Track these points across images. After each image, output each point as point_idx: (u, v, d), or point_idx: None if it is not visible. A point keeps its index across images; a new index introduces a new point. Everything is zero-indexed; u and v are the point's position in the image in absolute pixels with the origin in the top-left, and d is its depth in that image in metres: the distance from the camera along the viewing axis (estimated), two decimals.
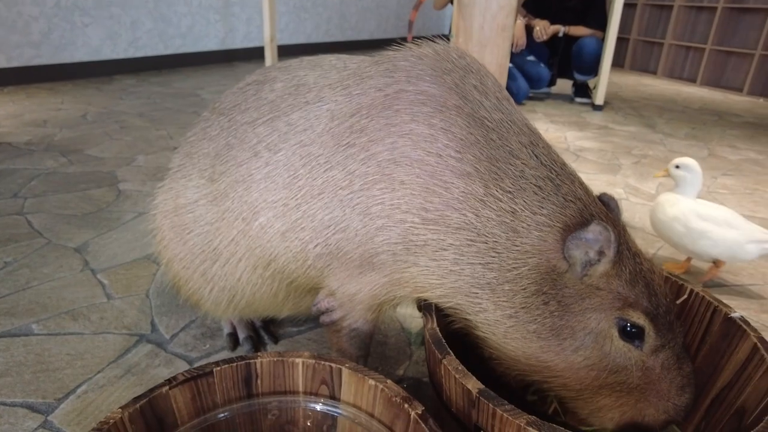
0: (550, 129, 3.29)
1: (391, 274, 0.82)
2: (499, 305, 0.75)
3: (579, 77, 4.11)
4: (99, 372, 1.04)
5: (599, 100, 3.88)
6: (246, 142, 0.91)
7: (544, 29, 3.92)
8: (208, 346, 1.13)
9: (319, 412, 0.74)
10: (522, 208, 0.74)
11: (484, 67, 0.84)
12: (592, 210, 0.76)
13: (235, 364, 0.71)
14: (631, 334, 0.72)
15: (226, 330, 1.15)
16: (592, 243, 0.70)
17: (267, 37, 3.87)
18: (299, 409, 0.74)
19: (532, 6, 3.94)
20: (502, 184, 0.75)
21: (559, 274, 0.73)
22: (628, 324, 0.72)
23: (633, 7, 6.06)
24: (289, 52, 5.22)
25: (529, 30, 3.94)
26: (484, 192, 0.75)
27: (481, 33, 1.77)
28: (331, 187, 0.81)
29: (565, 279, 0.73)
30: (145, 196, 1.90)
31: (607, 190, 1.86)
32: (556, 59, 4.14)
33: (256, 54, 4.98)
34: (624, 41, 6.13)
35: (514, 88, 3.85)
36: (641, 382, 0.74)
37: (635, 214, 2.02)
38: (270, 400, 0.74)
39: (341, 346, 0.92)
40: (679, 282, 0.92)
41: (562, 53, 4.08)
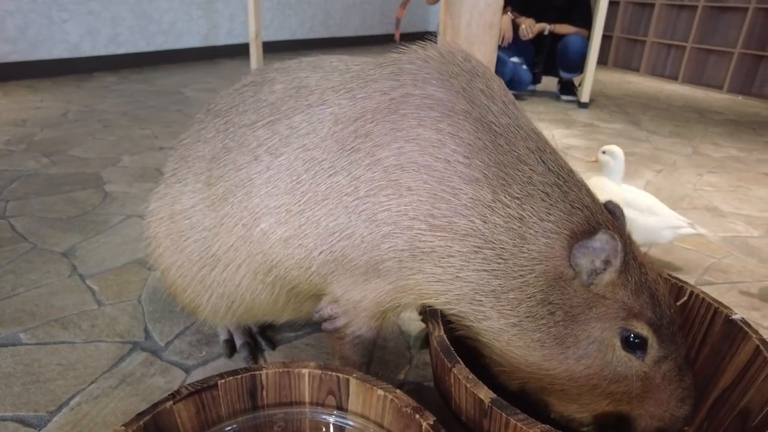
0: (537, 127, 3.30)
1: (397, 281, 0.81)
2: (504, 313, 0.75)
3: (564, 75, 4.14)
4: (92, 382, 1.01)
5: (585, 97, 3.91)
6: (245, 145, 0.89)
7: (530, 27, 3.94)
8: (204, 353, 1.11)
9: (326, 423, 0.72)
10: (530, 214, 0.74)
11: (489, 70, 0.83)
12: (599, 218, 0.75)
13: (239, 376, 0.70)
14: (633, 345, 0.72)
15: (223, 336, 1.13)
16: (599, 252, 0.70)
17: (252, 34, 3.82)
18: (305, 421, 0.73)
19: (519, 4, 3.95)
20: (510, 190, 0.74)
21: (566, 282, 0.73)
22: (631, 334, 0.71)
23: (616, 5, 6.12)
24: (273, 48, 5.16)
25: (515, 27, 3.95)
26: (492, 198, 0.74)
27: (469, 30, 1.76)
28: (335, 193, 0.80)
29: (571, 287, 0.72)
30: (133, 198, 1.86)
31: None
32: (542, 57, 4.16)
33: (240, 51, 4.91)
34: (607, 39, 6.19)
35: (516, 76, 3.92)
36: (641, 392, 0.73)
37: None
38: (276, 412, 0.72)
39: (344, 353, 0.91)
40: (679, 284, 0.93)
41: (547, 51, 4.10)
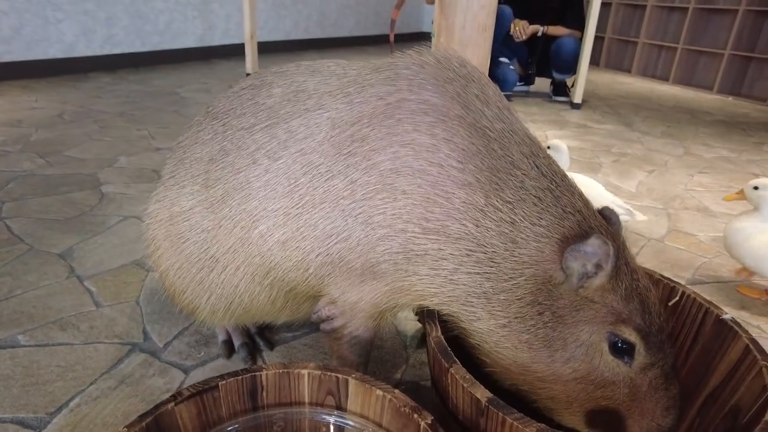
0: (530, 128, 3.29)
1: (393, 282, 0.82)
2: (493, 314, 0.76)
3: (557, 76, 4.17)
4: (92, 384, 1.02)
5: (577, 98, 3.94)
6: (243, 148, 0.90)
7: (523, 29, 3.96)
8: (203, 353, 1.12)
9: (325, 423, 0.73)
10: (521, 218, 0.75)
11: (485, 76, 0.85)
12: (591, 222, 0.76)
13: (240, 377, 0.71)
14: (621, 350, 0.72)
15: (221, 337, 1.14)
16: (591, 256, 0.70)
17: (247, 34, 3.82)
18: (305, 421, 0.74)
19: (514, 6, 3.98)
20: (502, 194, 0.75)
21: (555, 285, 0.73)
22: (619, 340, 0.72)
23: (608, 6, 6.16)
24: (268, 49, 5.16)
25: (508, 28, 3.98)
26: (484, 202, 0.75)
27: (463, 32, 1.77)
28: (332, 196, 0.81)
29: (560, 290, 0.73)
30: (130, 198, 1.87)
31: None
32: (535, 59, 4.19)
33: (236, 51, 4.91)
34: (599, 40, 6.23)
35: (501, 75, 3.94)
36: (627, 399, 0.73)
37: None
38: (275, 412, 0.73)
39: (342, 353, 0.92)
40: (671, 284, 0.95)
41: (540, 53, 4.13)
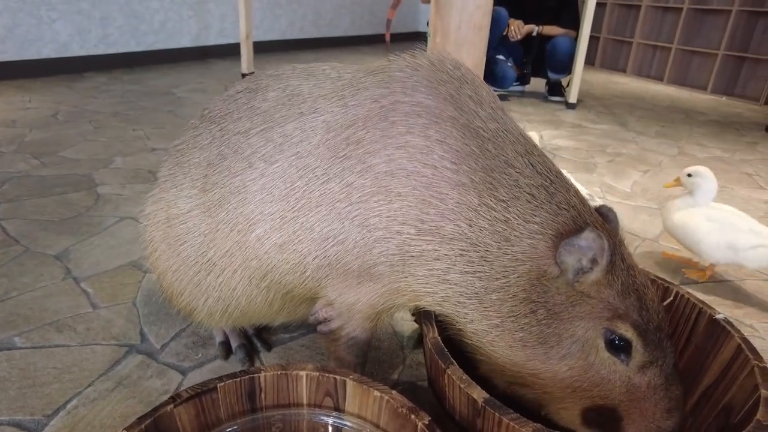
0: (526, 128, 3.34)
1: (390, 283, 0.83)
2: (486, 314, 0.76)
3: (552, 76, 4.18)
4: (89, 385, 1.02)
5: (572, 98, 3.96)
6: (239, 152, 0.91)
7: (518, 29, 3.98)
8: (200, 355, 1.12)
9: (323, 425, 0.74)
10: (515, 216, 0.75)
11: (478, 78, 0.86)
12: (586, 218, 0.76)
13: (238, 379, 0.71)
14: (617, 347, 0.71)
15: (218, 339, 1.14)
16: (585, 250, 0.71)
17: (243, 34, 3.82)
18: (303, 422, 0.74)
19: (509, 6, 3.99)
20: (496, 193, 0.76)
21: (549, 281, 0.73)
22: (615, 336, 0.71)
23: (603, 6, 6.19)
24: (264, 48, 5.15)
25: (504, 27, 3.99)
26: (478, 202, 0.76)
27: (458, 32, 1.78)
28: (328, 199, 0.82)
29: (555, 286, 0.73)
30: (126, 199, 1.87)
31: (584, 188, 1.91)
32: (530, 58, 4.20)
33: (231, 51, 4.90)
34: (594, 40, 6.25)
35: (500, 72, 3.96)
36: (625, 398, 0.72)
37: None
38: (274, 414, 0.74)
39: (339, 354, 0.93)
40: (665, 284, 0.96)
41: (535, 53, 4.14)
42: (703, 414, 0.85)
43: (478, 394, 0.66)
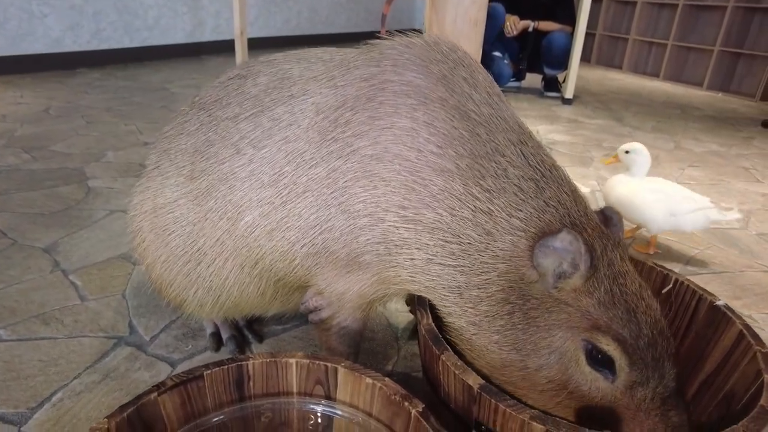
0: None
1: (379, 273, 0.80)
2: (465, 311, 0.72)
3: (549, 71, 4.17)
4: (75, 378, 0.99)
5: (569, 93, 3.94)
6: (228, 138, 0.88)
7: (514, 24, 3.96)
8: (190, 346, 1.10)
9: (314, 413, 0.72)
10: (499, 209, 0.70)
11: (476, 62, 0.82)
12: (574, 218, 0.70)
13: (226, 367, 0.69)
14: (599, 362, 0.65)
15: (209, 330, 1.12)
16: (562, 253, 0.64)
17: (237, 30, 3.78)
18: (293, 411, 0.72)
19: (505, 1, 3.97)
20: (482, 182, 0.71)
21: (528, 284, 0.68)
22: (594, 349, 0.65)
23: (599, 2, 6.18)
24: (259, 45, 5.11)
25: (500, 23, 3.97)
26: (462, 190, 0.71)
27: (454, 27, 1.77)
28: (315, 184, 0.79)
29: (533, 290, 0.68)
30: (117, 193, 1.84)
31: (581, 182, 1.90)
32: (526, 54, 4.19)
33: (226, 48, 4.87)
34: (590, 36, 6.24)
35: (496, 70, 3.93)
36: (613, 417, 0.66)
37: None
38: (263, 403, 0.71)
39: (330, 344, 0.90)
40: (664, 272, 0.94)
41: (531, 48, 4.12)
42: (704, 403, 0.83)
43: (474, 380, 0.64)
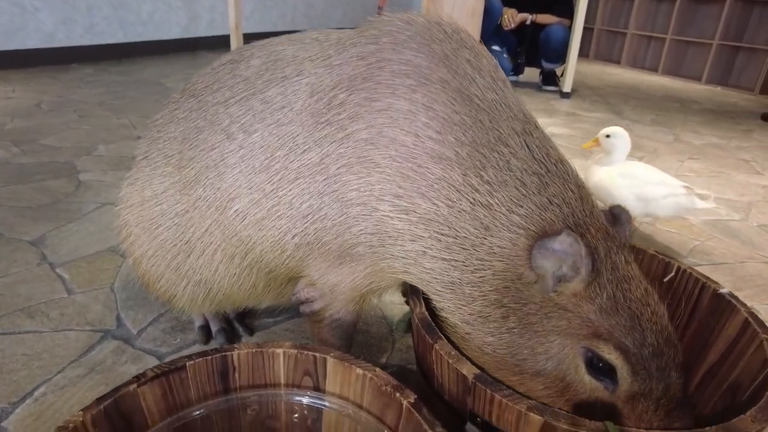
0: None
1: (372, 264, 0.77)
2: (459, 308, 0.69)
3: (547, 65, 4.13)
4: (59, 372, 0.96)
5: (567, 87, 3.91)
6: (217, 123, 0.85)
7: (512, 17, 3.93)
8: (179, 340, 1.07)
9: (302, 405, 0.69)
10: (499, 203, 0.66)
11: (481, 45, 0.78)
12: (578, 218, 0.66)
13: (209, 357, 0.66)
14: (599, 370, 0.62)
15: (198, 323, 1.09)
16: (562, 255, 0.61)
17: (232, 25, 3.74)
18: (281, 403, 0.69)
19: None
20: (483, 173, 0.67)
21: (525, 286, 0.65)
22: (595, 357, 0.61)
23: None
24: (254, 40, 5.06)
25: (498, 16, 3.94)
26: (462, 181, 0.67)
27: (451, 18, 1.74)
28: (307, 171, 0.75)
29: (530, 293, 0.64)
30: (108, 186, 1.80)
31: (579, 175, 1.86)
32: (524, 47, 4.16)
33: (221, 43, 4.81)
34: (588, 31, 6.21)
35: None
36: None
37: None
38: (249, 395, 0.68)
39: (323, 336, 0.87)
40: (666, 259, 0.91)
41: (529, 41, 4.09)
42: (708, 393, 0.80)
43: (468, 369, 0.61)
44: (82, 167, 1.97)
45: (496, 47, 4.04)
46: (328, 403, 0.68)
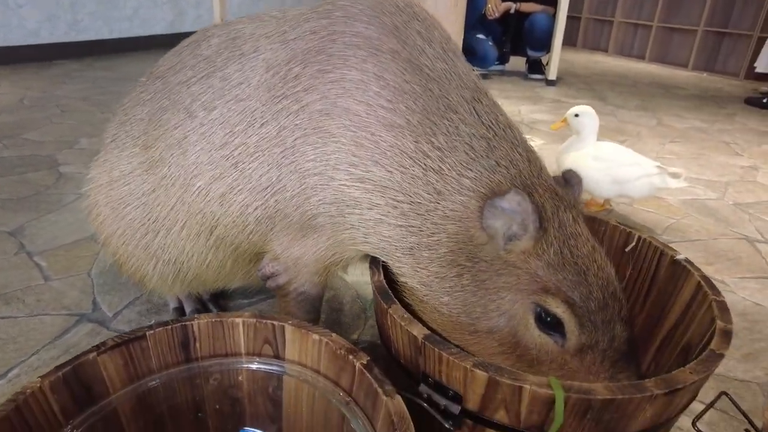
0: (504, 104, 3.29)
1: (333, 235, 0.79)
2: (417, 271, 0.71)
3: (532, 53, 4.14)
4: (33, 354, 0.98)
5: (552, 75, 3.93)
6: (180, 102, 0.86)
7: (496, 6, 3.93)
8: (153, 321, 1.08)
9: (263, 373, 0.70)
10: (449, 168, 0.68)
11: (433, 18, 0.80)
12: (526, 179, 0.68)
13: (170, 327, 0.67)
14: (548, 325, 0.63)
15: (172, 305, 1.10)
16: (511, 213, 0.62)
17: (217, 19, 3.74)
18: (242, 371, 0.71)
19: None
20: (434, 139, 0.69)
21: (477, 246, 0.67)
22: (543, 312, 0.63)
23: None
24: None
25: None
26: (413, 147, 0.69)
27: (435, 8, 1.75)
28: (266, 144, 0.77)
29: (482, 252, 0.66)
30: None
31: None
32: (509, 36, 4.16)
33: None
34: (576, 20, 6.22)
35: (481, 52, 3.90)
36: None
37: None
38: (210, 364, 0.70)
39: (289, 309, 0.89)
40: (628, 230, 0.93)
41: (514, 30, 4.10)
42: (665, 356, 0.82)
43: (419, 330, 0.63)
44: (64, 160, 1.97)
45: (481, 36, 4.04)
46: (287, 370, 0.69)
